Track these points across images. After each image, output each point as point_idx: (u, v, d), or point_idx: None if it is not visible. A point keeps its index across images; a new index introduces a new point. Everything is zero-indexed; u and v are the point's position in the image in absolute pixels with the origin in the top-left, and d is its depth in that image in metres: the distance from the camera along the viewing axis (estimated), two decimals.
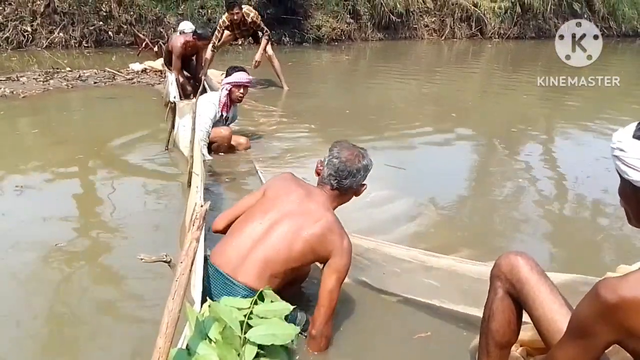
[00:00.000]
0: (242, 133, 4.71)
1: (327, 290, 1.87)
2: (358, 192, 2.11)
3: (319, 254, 1.92)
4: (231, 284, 1.84)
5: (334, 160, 2.03)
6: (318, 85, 8.26)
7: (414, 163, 4.51)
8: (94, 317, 2.18)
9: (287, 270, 1.91)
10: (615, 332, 1.12)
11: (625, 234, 3.12)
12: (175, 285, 1.32)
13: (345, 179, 2.02)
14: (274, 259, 1.88)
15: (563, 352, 1.23)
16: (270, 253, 1.89)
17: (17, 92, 6.31)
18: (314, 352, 1.93)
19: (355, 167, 2.02)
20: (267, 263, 1.87)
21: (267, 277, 1.86)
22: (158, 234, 2.93)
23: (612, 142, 1.22)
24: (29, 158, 4.19)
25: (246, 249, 1.92)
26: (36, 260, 2.59)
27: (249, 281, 1.84)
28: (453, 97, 7.72)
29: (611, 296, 1.09)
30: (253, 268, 1.86)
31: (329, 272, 1.89)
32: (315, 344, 1.92)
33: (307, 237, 1.90)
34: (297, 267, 1.95)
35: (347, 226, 2.07)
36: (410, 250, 2.22)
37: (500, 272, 1.53)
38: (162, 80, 7.09)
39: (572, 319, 1.22)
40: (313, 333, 1.90)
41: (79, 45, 10.45)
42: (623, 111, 6.85)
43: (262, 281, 1.84)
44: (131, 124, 5.29)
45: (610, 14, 16.38)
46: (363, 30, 13.83)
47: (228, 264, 1.89)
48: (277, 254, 1.89)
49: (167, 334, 1.24)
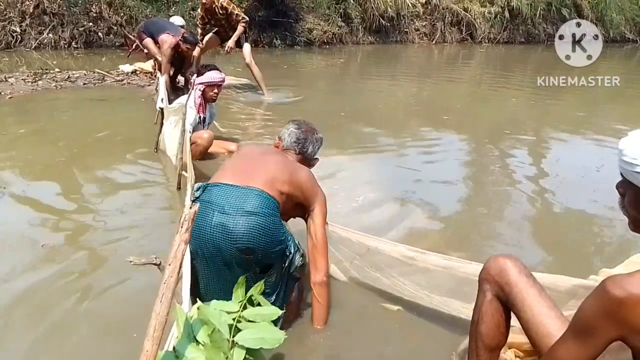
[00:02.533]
0: (231, 139, 4.68)
1: (321, 234, 2.07)
2: (312, 164, 2.35)
3: (306, 194, 2.07)
4: (245, 190, 1.89)
5: (295, 131, 2.31)
6: (309, 88, 8.26)
7: (403, 166, 4.52)
8: (80, 320, 2.16)
9: (290, 192, 1.99)
10: (619, 328, 1.13)
11: (610, 238, 3.15)
12: (162, 287, 1.31)
13: (307, 146, 2.29)
14: (279, 176, 1.98)
15: (564, 347, 1.23)
16: (274, 170, 2.00)
17: (5, 93, 6.25)
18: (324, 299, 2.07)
19: (315, 138, 2.33)
20: (273, 177, 1.97)
21: (275, 188, 1.94)
22: (146, 235, 2.91)
23: (621, 150, 1.22)
24: (14, 159, 4.15)
25: (251, 168, 2.02)
26: (21, 260, 2.56)
27: (261, 187, 1.91)
28: (444, 100, 7.75)
29: (619, 292, 1.11)
30: (261, 178, 1.94)
31: (317, 215, 2.08)
32: (325, 289, 2.07)
33: (301, 174, 2.08)
34: (294, 196, 2.03)
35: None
36: (397, 245, 2.22)
37: (489, 275, 1.53)
38: (152, 82, 7.06)
39: (577, 315, 1.22)
40: (324, 279, 2.05)
41: (69, 46, 10.38)
42: (612, 114, 6.93)
43: (272, 190, 1.92)
44: (120, 126, 5.25)
45: (599, 20, 16.52)
46: (354, 34, 13.86)
47: (236, 180, 1.95)
48: (281, 172, 2.00)
49: (155, 337, 1.23)
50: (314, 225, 2.10)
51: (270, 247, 1.86)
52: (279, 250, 1.91)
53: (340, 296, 2.34)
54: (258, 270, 1.89)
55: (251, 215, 1.83)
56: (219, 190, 1.92)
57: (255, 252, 1.83)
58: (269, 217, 1.86)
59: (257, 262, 1.87)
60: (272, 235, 1.85)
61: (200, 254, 1.89)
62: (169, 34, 5.98)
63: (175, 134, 3.88)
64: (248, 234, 1.81)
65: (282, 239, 1.91)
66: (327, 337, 2.11)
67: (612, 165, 4.43)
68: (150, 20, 7.51)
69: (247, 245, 1.82)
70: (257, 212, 1.84)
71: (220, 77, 4.15)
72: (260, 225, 1.83)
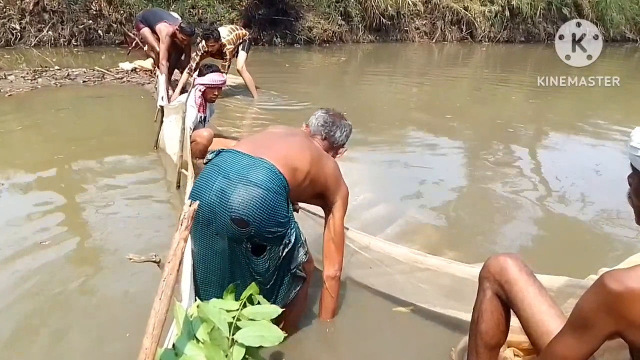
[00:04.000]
0: (231, 137, 4.67)
1: (340, 228, 2.04)
2: (338, 151, 2.25)
3: (329, 185, 2.00)
4: (255, 160, 1.80)
5: (324, 115, 2.21)
6: (309, 86, 8.25)
7: (403, 165, 4.52)
8: (79, 317, 2.16)
9: (308, 176, 1.89)
10: (617, 322, 1.13)
11: (610, 236, 3.15)
12: (162, 285, 1.30)
13: (335, 130, 2.19)
14: (297, 156, 1.88)
15: (562, 342, 1.23)
16: (294, 149, 1.91)
17: (5, 91, 6.23)
18: (335, 293, 2.06)
19: (343, 123, 2.23)
20: (290, 155, 1.87)
21: (289, 167, 1.83)
22: (146, 233, 2.91)
23: (633, 139, 1.22)
24: (13, 155, 4.15)
25: (270, 142, 1.94)
26: (19, 257, 2.56)
27: (273, 161, 1.80)
28: (444, 100, 7.75)
29: (617, 286, 1.11)
30: (276, 153, 1.84)
31: (337, 210, 2.05)
32: (337, 283, 2.05)
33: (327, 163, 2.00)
34: (314, 182, 1.93)
35: None
36: (400, 248, 2.22)
37: (489, 273, 1.53)
38: (152, 80, 7.04)
39: (575, 309, 1.22)
40: (337, 274, 2.04)
41: (68, 44, 10.36)
42: (611, 114, 6.93)
43: (284, 168, 1.81)
44: (119, 123, 5.25)
45: (599, 19, 16.51)
46: (354, 32, 13.85)
47: (250, 149, 1.86)
48: (301, 153, 1.90)
49: (154, 334, 1.23)
50: (333, 218, 2.05)
51: (266, 226, 1.73)
52: (277, 232, 1.77)
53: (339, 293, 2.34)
54: (250, 248, 1.77)
55: (253, 185, 1.73)
56: (230, 156, 1.84)
57: (248, 226, 1.71)
58: (272, 192, 1.74)
59: (250, 238, 1.74)
60: (270, 212, 1.73)
61: (197, 218, 1.78)
62: (166, 22, 5.99)
63: (175, 132, 3.88)
64: (244, 204, 1.70)
65: (283, 222, 1.77)
66: (325, 333, 2.11)
67: (612, 165, 4.41)
68: (149, 10, 7.41)
69: (241, 216, 1.70)
70: (261, 184, 1.73)
71: (221, 79, 4.17)
72: (260, 198, 1.72)
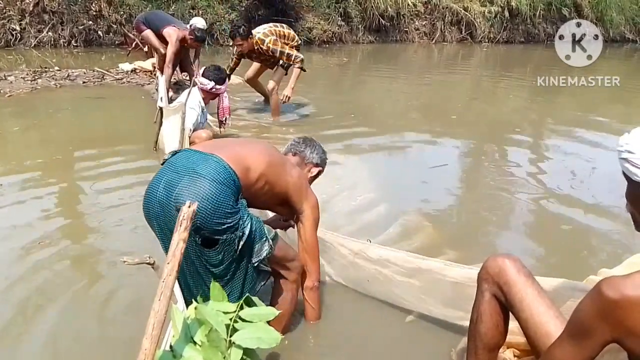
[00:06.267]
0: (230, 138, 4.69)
1: (311, 237, 2.04)
2: (310, 169, 2.25)
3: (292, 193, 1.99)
4: (205, 156, 1.80)
5: (295, 138, 2.32)
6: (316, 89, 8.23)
7: (404, 166, 4.52)
8: (78, 318, 2.16)
9: (265, 178, 1.89)
10: (614, 330, 1.13)
11: (610, 237, 3.15)
12: (161, 286, 1.30)
13: (304, 148, 2.25)
14: (253, 157, 1.89)
15: (560, 348, 1.23)
16: (251, 151, 1.92)
17: (4, 91, 6.24)
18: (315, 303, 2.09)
19: (314, 144, 2.29)
20: (246, 155, 1.88)
21: (241, 165, 1.83)
22: (143, 234, 2.90)
23: (619, 145, 1.22)
24: (11, 156, 4.15)
25: (226, 143, 2.00)
26: (17, 257, 2.56)
27: (224, 157, 1.80)
28: (445, 100, 7.75)
29: (613, 294, 1.10)
30: (229, 152, 1.85)
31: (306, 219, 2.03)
32: (316, 293, 2.09)
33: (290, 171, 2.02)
34: (273, 185, 1.93)
35: (337, 229, 2.07)
36: (398, 252, 2.21)
37: (488, 275, 1.52)
38: (152, 81, 7.05)
39: (573, 316, 1.22)
40: (315, 284, 2.06)
41: (68, 45, 10.37)
42: (611, 115, 6.93)
43: (236, 164, 1.80)
44: (119, 124, 5.25)
45: (599, 19, 16.52)
46: (354, 33, 13.86)
47: (205, 149, 1.87)
48: (259, 155, 1.92)
49: (153, 335, 1.23)
50: (303, 228, 2.05)
51: (212, 217, 1.69)
52: (225, 224, 1.72)
53: (335, 293, 2.33)
54: (199, 241, 1.74)
55: (199, 176, 1.73)
56: (183, 154, 1.86)
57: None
58: (218, 183, 1.73)
59: (197, 230, 1.70)
60: (215, 203, 1.70)
61: (150, 215, 1.82)
62: (175, 26, 5.95)
63: (175, 133, 3.90)
64: (188, 192, 1.69)
65: (230, 213, 1.74)
66: (322, 335, 2.11)
67: (611, 166, 4.40)
68: (152, 12, 7.39)
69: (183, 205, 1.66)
70: (206, 175, 1.73)
71: (223, 87, 4.28)
72: (205, 188, 1.70)
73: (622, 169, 1.22)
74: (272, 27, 5.34)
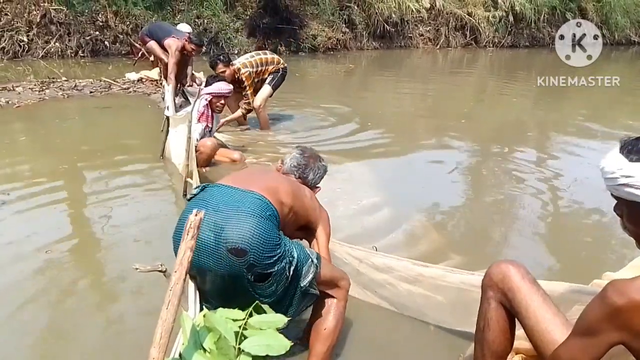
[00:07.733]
0: (235, 147, 4.69)
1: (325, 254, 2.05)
2: (313, 191, 2.22)
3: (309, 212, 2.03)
4: (244, 193, 1.80)
5: (297, 156, 2.22)
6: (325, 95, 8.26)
7: (407, 170, 4.52)
8: (87, 326, 2.17)
9: (292, 206, 1.91)
10: (620, 333, 1.14)
11: (612, 241, 3.13)
12: (169, 294, 1.31)
13: (308, 172, 2.20)
14: (281, 187, 1.90)
15: (567, 350, 1.24)
16: (277, 182, 1.95)
17: (12, 102, 6.30)
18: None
19: (317, 165, 2.23)
20: (276, 186, 1.90)
21: (276, 198, 1.84)
22: (153, 242, 2.92)
23: (608, 172, 1.21)
24: (19, 166, 4.19)
25: (253, 177, 1.99)
26: (25, 265, 2.58)
27: (262, 192, 1.81)
28: (450, 104, 7.75)
29: (619, 298, 1.11)
30: (263, 185, 1.86)
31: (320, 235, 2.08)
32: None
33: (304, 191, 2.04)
34: (297, 212, 1.95)
35: (339, 233, 2.08)
36: (401, 260, 2.21)
37: (492, 282, 1.52)
38: (158, 90, 7.09)
39: (580, 318, 1.23)
40: None
41: (75, 55, 10.48)
42: (615, 115, 6.91)
43: (273, 198, 1.82)
44: (126, 133, 5.29)
45: (604, 23, 16.51)
46: (358, 40, 13.91)
47: (237, 183, 1.86)
48: (283, 185, 1.93)
49: (161, 343, 1.24)
50: (317, 244, 2.07)
51: (264, 251, 1.69)
52: (275, 255, 1.72)
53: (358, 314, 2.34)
54: (252, 278, 1.71)
55: (246, 214, 1.71)
56: (217, 190, 1.83)
57: (246, 254, 1.67)
58: (265, 219, 1.73)
59: (249, 268, 1.69)
60: (266, 239, 1.70)
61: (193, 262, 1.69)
62: (174, 37, 6.03)
63: (182, 142, 3.91)
64: (240, 232, 1.67)
65: (278, 244, 1.74)
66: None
67: None
68: (155, 24, 7.45)
69: (237, 245, 1.66)
70: (254, 213, 1.72)
71: (228, 88, 4.23)
72: (255, 225, 1.69)
73: (618, 194, 1.22)
74: (253, 58, 5.39)
